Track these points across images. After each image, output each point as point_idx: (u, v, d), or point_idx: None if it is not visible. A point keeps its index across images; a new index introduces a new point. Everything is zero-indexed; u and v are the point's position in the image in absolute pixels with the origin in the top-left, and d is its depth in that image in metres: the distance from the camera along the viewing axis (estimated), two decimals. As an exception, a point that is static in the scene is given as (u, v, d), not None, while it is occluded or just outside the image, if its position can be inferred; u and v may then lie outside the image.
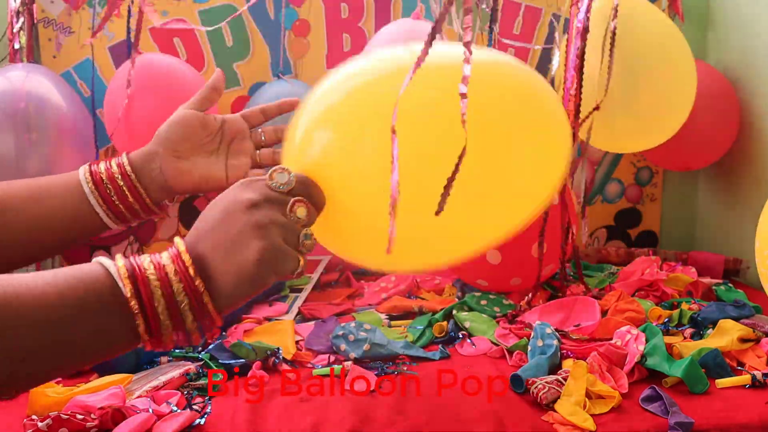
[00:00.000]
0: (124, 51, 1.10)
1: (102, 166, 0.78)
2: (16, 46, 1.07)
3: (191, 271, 0.55)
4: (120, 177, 0.77)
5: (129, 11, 1.07)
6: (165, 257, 0.56)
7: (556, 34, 1.06)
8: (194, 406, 0.67)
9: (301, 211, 0.58)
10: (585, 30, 0.92)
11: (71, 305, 0.53)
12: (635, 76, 0.97)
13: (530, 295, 0.96)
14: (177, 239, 0.58)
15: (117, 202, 0.77)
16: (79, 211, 0.78)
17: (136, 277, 0.54)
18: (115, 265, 0.55)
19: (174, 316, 0.55)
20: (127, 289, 0.54)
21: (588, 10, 0.92)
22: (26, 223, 0.76)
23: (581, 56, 0.92)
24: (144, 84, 1.02)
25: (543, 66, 1.16)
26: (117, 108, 1.03)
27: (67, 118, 1.02)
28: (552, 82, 1.03)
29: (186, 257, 0.56)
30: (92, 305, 0.53)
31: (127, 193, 0.77)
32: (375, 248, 0.59)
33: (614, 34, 0.93)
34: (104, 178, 0.77)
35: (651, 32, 0.99)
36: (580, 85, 0.92)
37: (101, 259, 0.56)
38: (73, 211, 0.78)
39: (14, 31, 1.07)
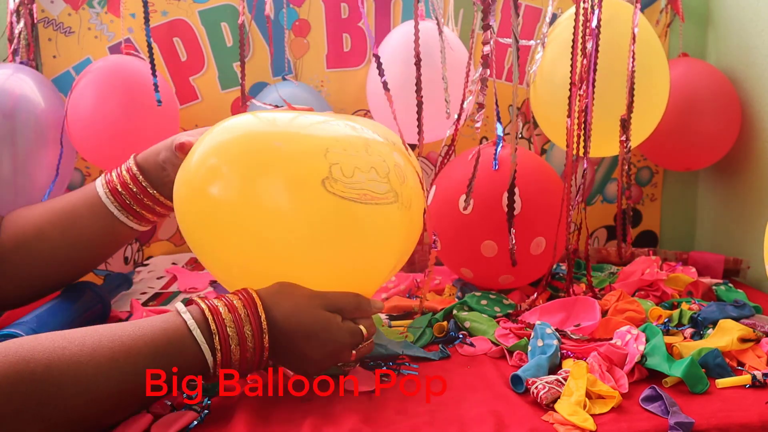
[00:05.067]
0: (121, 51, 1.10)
1: (114, 174, 0.80)
2: (15, 47, 1.07)
3: (259, 306, 0.65)
4: (132, 183, 0.80)
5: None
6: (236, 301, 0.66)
7: (544, 29, 1.06)
8: (194, 406, 0.67)
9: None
10: (598, 31, 0.92)
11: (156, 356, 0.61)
12: (614, 78, 0.97)
13: (534, 295, 0.96)
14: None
15: (136, 207, 0.80)
16: (106, 224, 0.81)
17: (212, 311, 0.64)
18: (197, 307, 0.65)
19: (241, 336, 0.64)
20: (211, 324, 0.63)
21: (599, 11, 0.92)
22: (60, 249, 0.80)
23: (591, 58, 0.92)
24: (108, 87, 1.02)
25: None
26: (79, 112, 1.02)
27: (47, 118, 1.02)
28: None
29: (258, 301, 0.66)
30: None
31: (141, 196, 0.80)
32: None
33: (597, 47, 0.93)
34: (119, 186, 0.79)
35: (626, 34, 0.98)
36: (592, 87, 0.93)
37: (179, 308, 0.65)
38: (102, 227, 0.81)
39: (14, 32, 1.07)
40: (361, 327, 0.70)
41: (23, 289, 0.80)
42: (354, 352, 0.70)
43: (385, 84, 0.85)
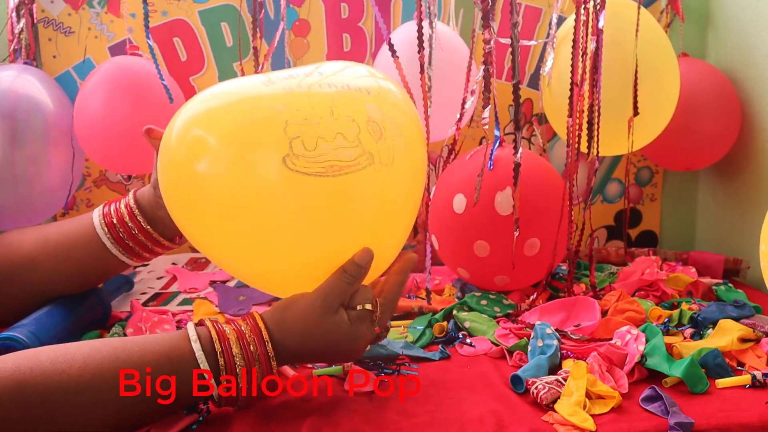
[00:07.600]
0: (123, 51, 1.10)
1: (112, 207, 0.80)
2: (15, 47, 1.07)
3: (262, 330, 0.65)
4: (128, 218, 0.79)
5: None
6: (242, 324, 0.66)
7: (553, 33, 1.06)
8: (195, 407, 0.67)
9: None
10: (600, 31, 0.92)
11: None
12: (624, 78, 0.97)
13: (534, 295, 0.96)
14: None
15: (130, 243, 0.80)
16: (101, 257, 0.81)
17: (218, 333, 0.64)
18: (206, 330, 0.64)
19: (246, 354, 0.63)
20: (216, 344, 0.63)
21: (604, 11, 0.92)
22: (53, 278, 0.81)
23: (595, 57, 0.92)
24: (117, 88, 1.02)
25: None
26: (86, 113, 1.03)
27: (55, 119, 1.02)
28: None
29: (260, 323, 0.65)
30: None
31: (137, 233, 0.79)
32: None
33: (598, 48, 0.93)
34: (115, 220, 0.79)
35: (640, 35, 0.98)
36: (592, 87, 0.92)
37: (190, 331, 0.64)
38: (96, 259, 0.81)
39: (15, 31, 1.07)
40: (366, 306, 0.68)
41: (12, 314, 0.80)
42: (377, 327, 0.70)
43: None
